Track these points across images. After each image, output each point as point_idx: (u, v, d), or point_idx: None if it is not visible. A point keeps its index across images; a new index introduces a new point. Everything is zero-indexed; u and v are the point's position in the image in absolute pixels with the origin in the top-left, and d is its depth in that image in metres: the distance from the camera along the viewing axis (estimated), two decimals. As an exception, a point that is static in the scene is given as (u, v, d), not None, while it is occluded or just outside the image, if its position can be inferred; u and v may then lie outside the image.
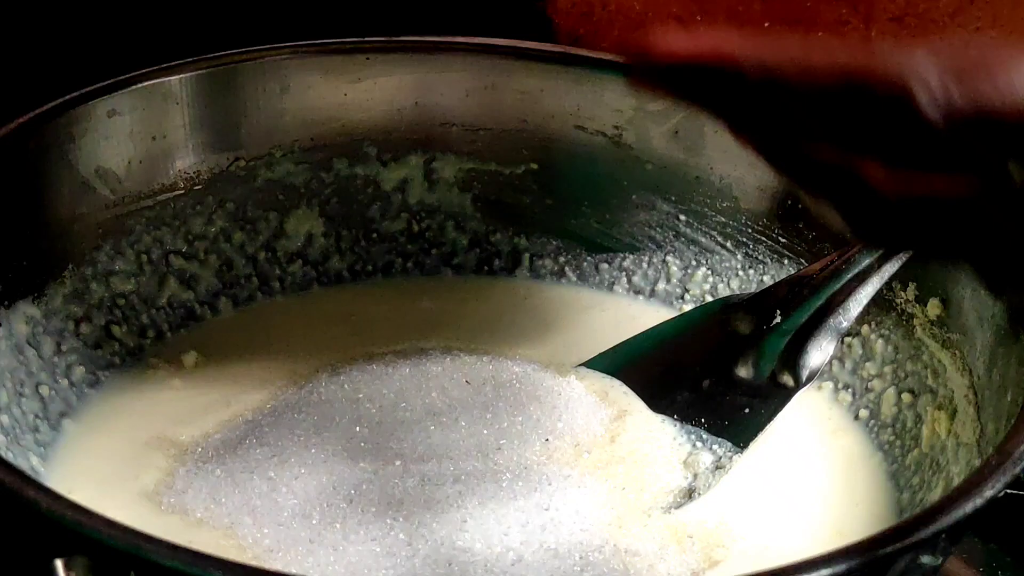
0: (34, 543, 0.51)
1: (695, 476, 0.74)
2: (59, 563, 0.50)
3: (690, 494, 0.73)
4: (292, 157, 0.87)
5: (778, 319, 0.76)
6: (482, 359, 0.81)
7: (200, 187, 0.84)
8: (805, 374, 0.75)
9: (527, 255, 0.91)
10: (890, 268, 0.74)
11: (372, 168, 0.89)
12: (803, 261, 0.84)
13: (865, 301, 0.74)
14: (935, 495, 0.70)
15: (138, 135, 0.81)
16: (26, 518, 0.52)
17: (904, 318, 0.78)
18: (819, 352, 0.75)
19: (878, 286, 0.74)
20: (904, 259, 0.74)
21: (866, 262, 0.74)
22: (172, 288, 0.84)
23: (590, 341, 0.85)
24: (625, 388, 0.80)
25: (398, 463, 0.72)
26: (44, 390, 0.75)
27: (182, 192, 0.84)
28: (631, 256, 0.90)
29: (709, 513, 0.72)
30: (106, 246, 0.80)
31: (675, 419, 0.78)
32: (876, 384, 0.79)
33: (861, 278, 0.74)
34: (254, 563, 0.64)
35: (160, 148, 0.82)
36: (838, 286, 0.75)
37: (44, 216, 0.77)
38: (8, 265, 0.74)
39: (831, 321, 0.75)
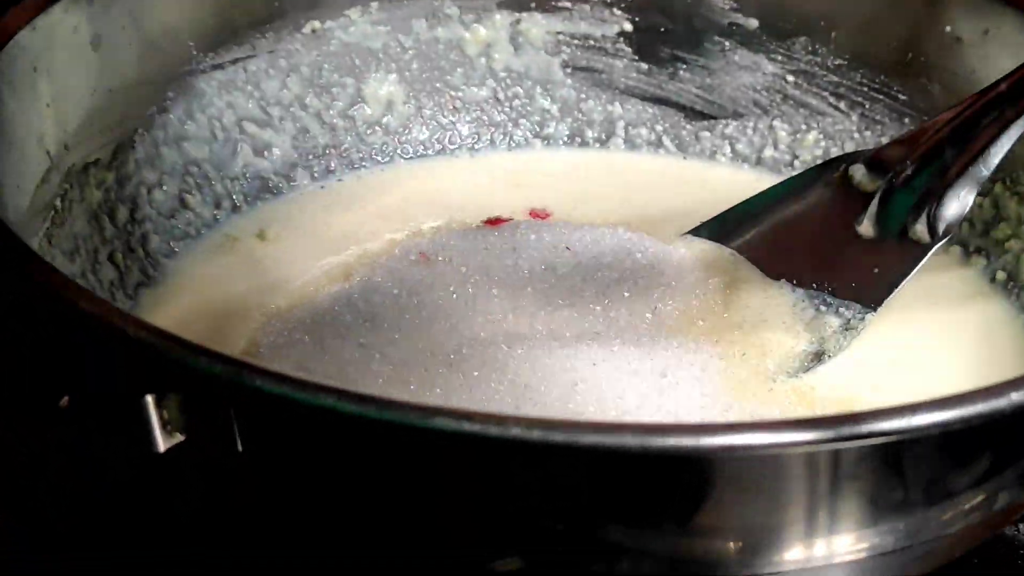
0: (121, 378, 0.46)
1: (822, 339, 0.68)
2: (150, 399, 0.45)
3: (819, 357, 0.67)
4: (368, 18, 0.81)
5: (909, 171, 0.70)
6: (580, 228, 0.75)
7: (272, 50, 0.79)
8: (942, 227, 0.68)
9: (621, 124, 0.85)
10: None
11: (454, 30, 0.83)
12: (927, 119, 0.77)
13: (1007, 147, 0.67)
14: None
15: (207, -8, 0.76)
16: (112, 349, 0.46)
17: (1042, 174, 0.72)
18: (957, 202, 0.68)
19: (1019, 133, 0.67)
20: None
21: (1004, 105, 0.68)
22: (246, 157, 0.78)
23: (693, 212, 0.79)
24: (736, 256, 0.74)
25: (499, 328, 0.67)
26: (119, 258, 0.70)
27: (253, 54, 0.78)
28: (734, 122, 0.84)
29: (838, 379, 0.67)
30: (176, 110, 0.75)
31: (794, 284, 0.71)
32: (1013, 245, 0.73)
33: (1001, 123, 0.67)
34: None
35: (228, 4, 0.77)
36: (976, 132, 0.68)
37: (108, 76, 0.72)
38: (75, 126, 0.69)
39: (970, 170, 0.68)
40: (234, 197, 0.78)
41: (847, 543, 0.50)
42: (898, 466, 0.48)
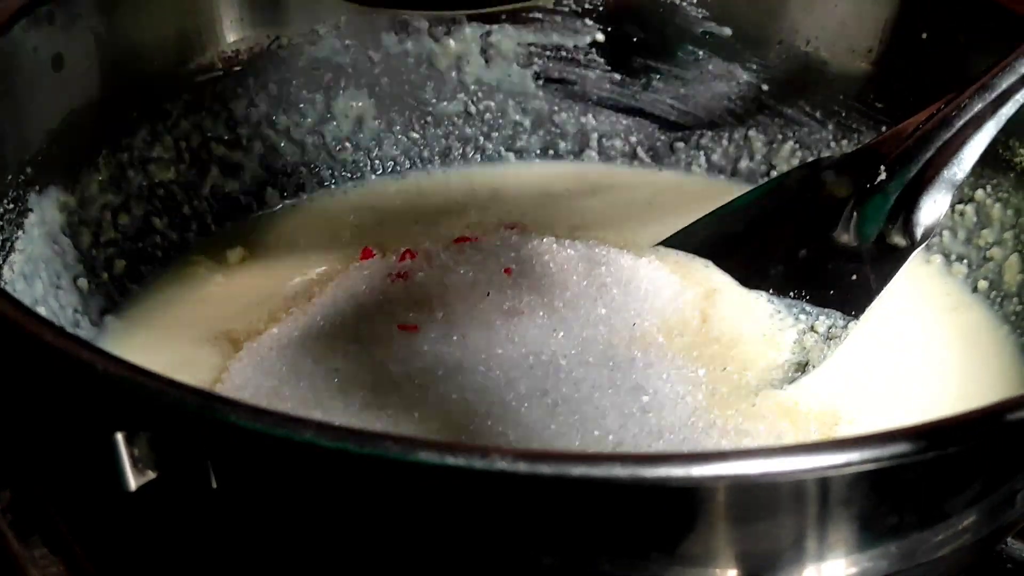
0: (91, 416, 0.44)
1: (805, 350, 0.67)
2: (120, 437, 0.43)
3: (803, 368, 0.66)
4: (337, 33, 0.79)
5: (883, 176, 0.69)
6: (554, 242, 0.74)
7: (240, 67, 0.77)
8: (920, 232, 0.67)
9: (595, 136, 0.84)
10: (1008, 110, 0.66)
11: (424, 43, 0.81)
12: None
13: (981, 149, 0.66)
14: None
15: (171, 10, 0.74)
16: (82, 386, 0.45)
17: (1025, 177, 0.71)
18: (934, 206, 0.67)
19: (994, 132, 0.66)
20: (1021, 102, 0.66)
21: (979, 106, 0.67)
22: (214, 177, 0.77)
23: (667, 223, 0.77)
24: (710, 266, 0.73)
25: (475, 348, 0.65)
26: (83, 283, 0.68)
27: (220, 73, 0.77)
28: (709, 133, 0.83)
29: (821, 392, 0.66)
30: (141, 131, 0.73)
31: (771, 294, 0.70)
32: (996, 252, 0.72)
33: (975, 124, 0.66)
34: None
35: (195, 25, 0.75)
36: (949, 135, 0.67)
37: (70, 96, 0.70)
38: (36, 148, 0.67)
39: (944, 173, 0.67)
40: (202, 218, 0.76)
41: (840, 568, 0.49)
42: (892, 489, 0.47)
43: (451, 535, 0.44)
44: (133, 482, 0.44)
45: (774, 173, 0.82)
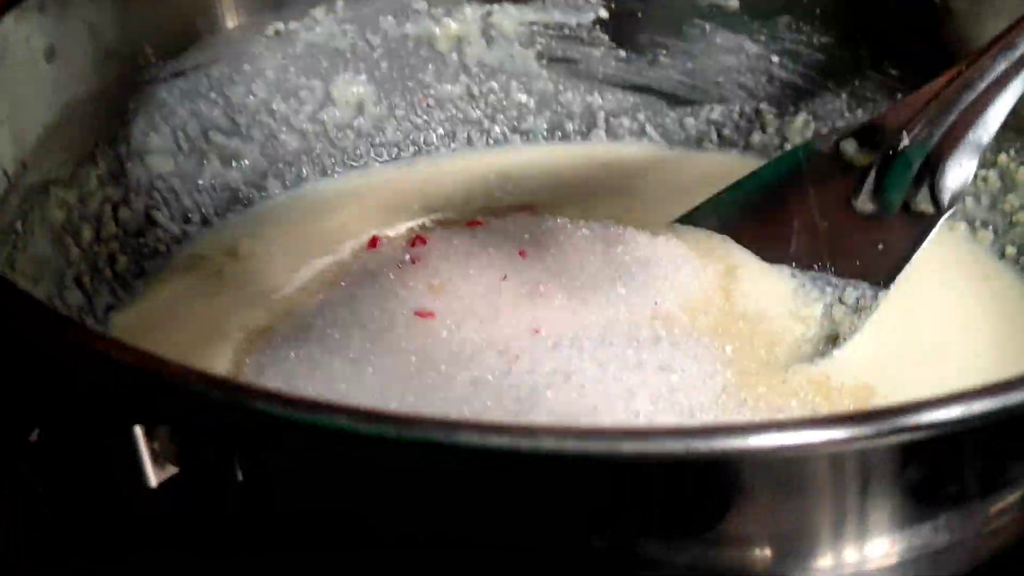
0: (107, 410, 0.42)
1: (834, 322, 0.65)
2: (139, 430, 0.41)
3: (834, 340, 0.64)
4: (334, 17, 0.77)
5: (905, 142, 0.67)
6: (568, 223, 0.72)
7: (235, 54, 0.75)
8: (947, 197, 0.65)
9: (602, 115, 0.82)
10: (1033, 69, 0.64)
11: (423, 25, 0.79)
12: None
13: (1007, 110, 0.64)
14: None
15: (164, -5, 0.72)
16: (97, 377, 0.42)
17: (1049, 140, 0.69)
18: (960, 170, 0.65)
19: (1020, 91, 0.64)
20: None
21: (1003, 66, 0.65)
22: (214, 168, 0.75)
23: (681, 201, 0.75)
24: (729, 242, 0.71)
25: (495, 331, 0.63)
26: (86, 281, 0.66)
27: (216, 60, 0.74)
28: (719, 107, 0.81)
29: (852, 366, 0.64)
30: (138, 122, 0.71)
31: (794, 268, 0.68)
32: (1022, 217, 0.70)
33: (1000, 84, 0.64)
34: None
35: (189, 11, 0.73)
36: (973, 96, 0.65)
37: (65, 88, 0.67)
38: (33, 143, 0.64)
39: (969, 136, 0.65)
40: (204, 211, 0.74)
41: (882, 546, 0.47)
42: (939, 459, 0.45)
43: (492, 520, 0.42)
44: (154, 478, 0.42)
45: (787, 146, 0.80)
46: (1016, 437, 0.46)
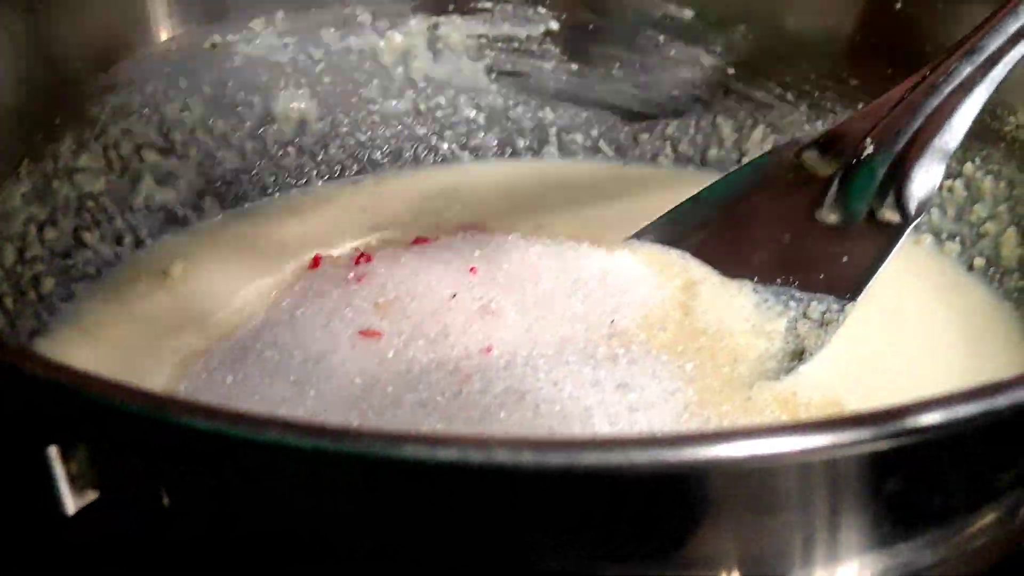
0: (18, 427, 0.38)
1: (799, 337, 0.62)
2: (53, 451, 0.37)
3: (800, 356, 0.61)
4: (273, 29, 0.74)
5: (869, 149, 0.64)
6: (520, 239, 0.69)
7: (171, 68, 0.71)
8: (914, 205, 0.63)
9: (554, 130, 0.80)
10: (999, 73, 0.62)
11: (367, 38, 0.76)
12: (882, 99, 0.73)
13: (973, 114, 0.62)
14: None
15: (96, 6, 0.69)
16: (6, 392, 0.39)
17: (1016, 147, 0.67)
18: (927, 176, 0.63)
19: (986, 96, 0.62)
20: (1013, 64, 0.62)
21: (968, 70, 0.63)
22: (148, 187, 0.71)
23: (636, 218, 0.73)
24: (687, 257, 0.68)
25: (445, 351, 0.60)
26: (8, 303, 0.62)
27: (151, 75, 0.71)
28: (675, 122, 0.79)
29: (819, 381, 0.61)
30: (67, 138, 0.68)
31: (755, 282, 0.66)
32: (990, 227, 0.68)
33: (965, 88, 0.63)
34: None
35: (122, 23, 0.70)
36: (938, 101, 0.63)
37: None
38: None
39: (935, 142, 0.63)
40: (137, 232, 0.71)
41: (858, 567, 0.44)
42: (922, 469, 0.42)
43: (439, 542, 0.39)
44: (72, 504, 0.38)
45: (745, 160, 0.77)
46: (994, 444, 0.43)
